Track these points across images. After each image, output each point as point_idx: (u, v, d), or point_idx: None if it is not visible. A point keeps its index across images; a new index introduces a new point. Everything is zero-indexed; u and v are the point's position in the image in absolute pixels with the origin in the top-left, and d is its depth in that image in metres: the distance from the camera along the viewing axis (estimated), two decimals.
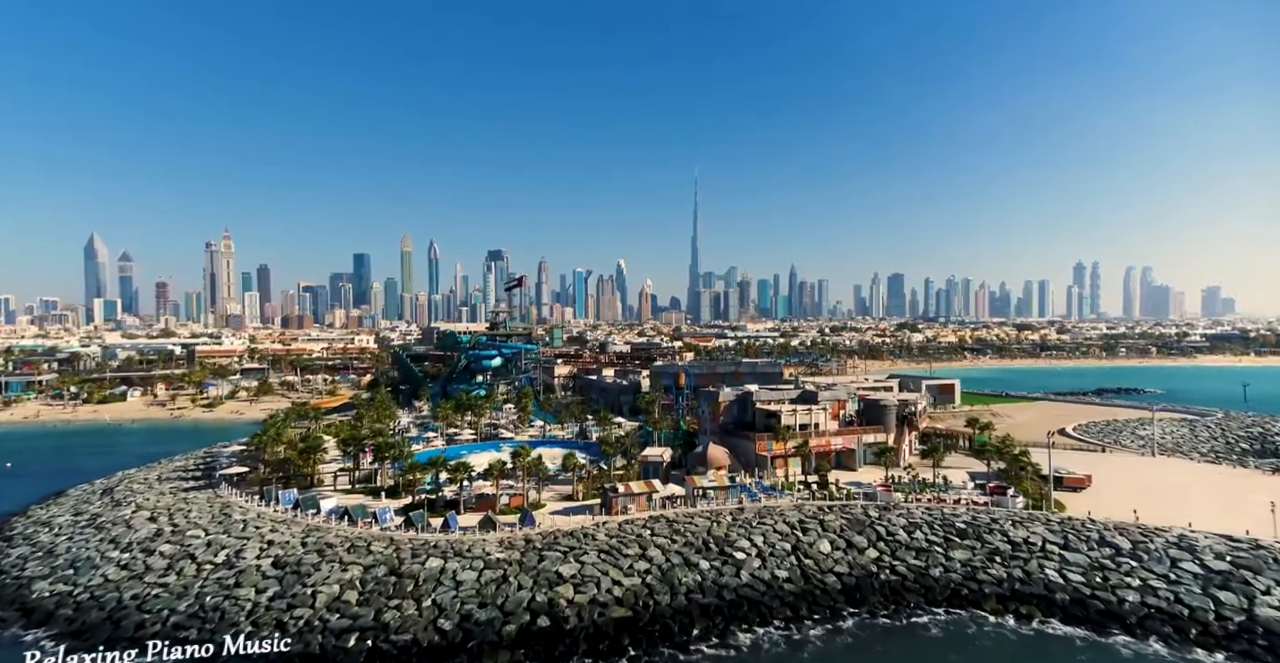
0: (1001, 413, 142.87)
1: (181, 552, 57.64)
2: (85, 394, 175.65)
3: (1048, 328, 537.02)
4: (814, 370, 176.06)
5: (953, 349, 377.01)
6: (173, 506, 70.97)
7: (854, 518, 67.00)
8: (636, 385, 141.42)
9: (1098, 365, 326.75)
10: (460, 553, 57.07)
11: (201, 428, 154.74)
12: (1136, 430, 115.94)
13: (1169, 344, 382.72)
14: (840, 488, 77.60)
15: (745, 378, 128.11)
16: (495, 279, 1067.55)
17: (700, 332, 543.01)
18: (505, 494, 72.89)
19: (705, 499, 72.58)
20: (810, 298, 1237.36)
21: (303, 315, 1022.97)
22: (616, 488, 70.56)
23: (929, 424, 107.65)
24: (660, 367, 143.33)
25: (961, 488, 77.43)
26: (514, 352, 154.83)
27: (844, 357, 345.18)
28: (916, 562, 58.73)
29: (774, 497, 75.16)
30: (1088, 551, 57.14)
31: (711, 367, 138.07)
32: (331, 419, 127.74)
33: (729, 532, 63.90)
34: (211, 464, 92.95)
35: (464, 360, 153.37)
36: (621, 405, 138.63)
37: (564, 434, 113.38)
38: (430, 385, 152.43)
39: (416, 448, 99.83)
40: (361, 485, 79.50)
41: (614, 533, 63.38)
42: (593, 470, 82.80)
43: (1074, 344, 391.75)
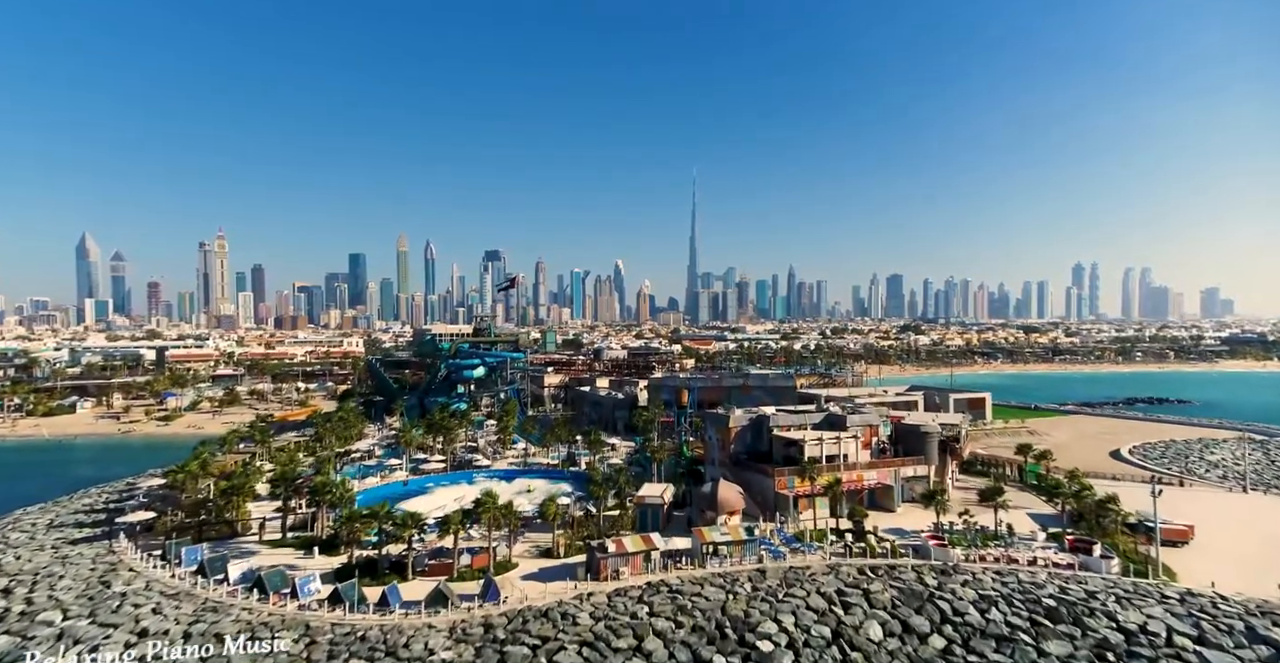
0: (1037, 430, 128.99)
1: (14, 652, 42.97)
2: (30, 405, 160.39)
3: (1054, 330, 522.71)
4: (826, 381, 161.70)
5: (962, 353, 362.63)
6: (44, 568, 56.25)
7: (907, 587, 52.59)
8: (633, 399, 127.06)
9: (1114, 371, 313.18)
10: (393, 652, 42.58)
11: (154, 445, 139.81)
12: (1205, 455, 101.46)
13: (1185, 348, 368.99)
14: (880, 538, 63.35)
15: (755, 393, 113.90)
16: (492, 280, 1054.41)
17: (699, 334, 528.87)
18: (466, 551, 58.49)
19: (717, 557, 58.25)
20: (809, 299, 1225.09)
21: (297, 316, 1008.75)
22: (606, 546, 56.12)
23: (970, 450, 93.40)
24: (660, 379, 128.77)
25: (1031, 540, 63.09)
26: (498, 361, 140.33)
27: (849, 361, 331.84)
28: (1000, 658, 44.35)
29: (801, 552, 60.81)
30: (1234, 648, 42.73)
31: (716, 380, 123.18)
32: (286, 439, 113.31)
33: (749, 607, 49.55)
34: (125, 503, 78.14)
35: (443, 370, 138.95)
36: (616, 421, 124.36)
37: (548, 461, 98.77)
38: (406, 397, 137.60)
39: (372, 481, 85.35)
40: (295, 535, 64.86)
41: (602, 612, 49.04)
42: (578, 514, 68.41)
43: (1087, 348, 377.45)
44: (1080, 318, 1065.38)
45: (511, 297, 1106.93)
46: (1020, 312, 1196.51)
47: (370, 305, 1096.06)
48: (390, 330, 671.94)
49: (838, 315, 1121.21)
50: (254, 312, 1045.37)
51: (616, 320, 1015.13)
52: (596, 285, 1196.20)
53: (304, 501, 67.30)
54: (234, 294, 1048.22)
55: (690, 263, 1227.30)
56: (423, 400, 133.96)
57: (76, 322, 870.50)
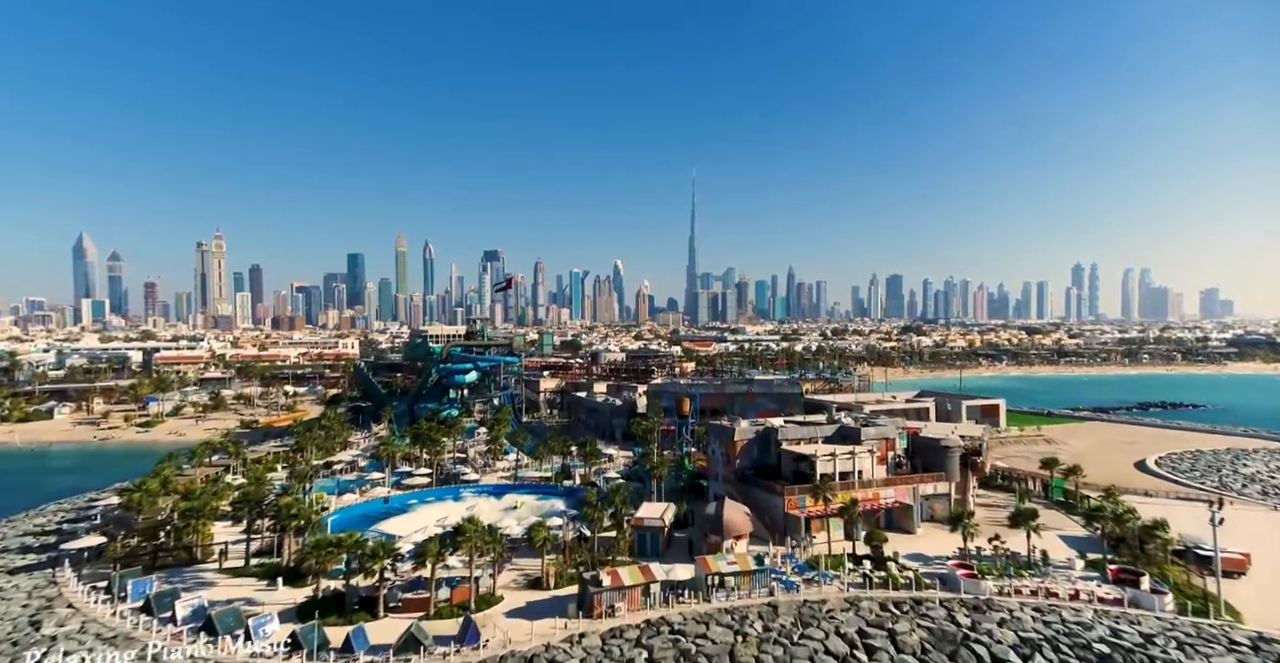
0: (1054, 438, 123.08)
1: None
2: (5, 411, 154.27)
3: (1056, 331, 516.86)
4: (832, 386, 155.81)
5: (966, 355, 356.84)
6: None
7: (937, 627, 46.90)
8: (631, 406, 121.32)
9: (1121, 373, 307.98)
10: None
11: (132, 452, 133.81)
12: (1238, 468, 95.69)
13: (1191, 350, 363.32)
14: (900, 566, 57.63)
15: (759, 400, 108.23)
16: (490, 280, 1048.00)
17: (699, 335, 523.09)
18: (446, 583, 52.76)
19: (723, 590, 52.53)
20: (808, 299, 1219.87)
21: (295, 317, 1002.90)
22: (600, 579, 50.35)
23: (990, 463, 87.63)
24: (659, 386, 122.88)
25: (1067, 568, 57.37)
26: (492, 365, 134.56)
27: (852, 363, 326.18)
28: None
29: (815, 582, 55.11)
30: None
31: (719, 387, 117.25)
32: (266, 449, 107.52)
33: (761, 653, 43.89)
34: (79, 525, 72.17)
35: (434, 375, 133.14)
36: (614, 429, 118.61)
37: (539, 475, 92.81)
38: (395, 404, 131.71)
39: (350, 498, 79.56)
40: (259, 563, 59.00)
41: (594, 657, 43.36)
42: (570, 537, 62.65)
43: (1092, 350, 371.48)
44: (1080, 318, 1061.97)
45: (510, 297, 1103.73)
46: (1020, 312, 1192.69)
47: (368, 306, 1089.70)
48: (388, 331, 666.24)
49: (837, 316, 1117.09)
50: (251, 312, 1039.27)
51: (615, 321, 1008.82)
52: (596, 286, 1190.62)
53: (269, 523, 61.41)
54: (231, 295, 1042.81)
55: (689, 263, 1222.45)
56: (412, 407, 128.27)
57: (73, 322, 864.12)
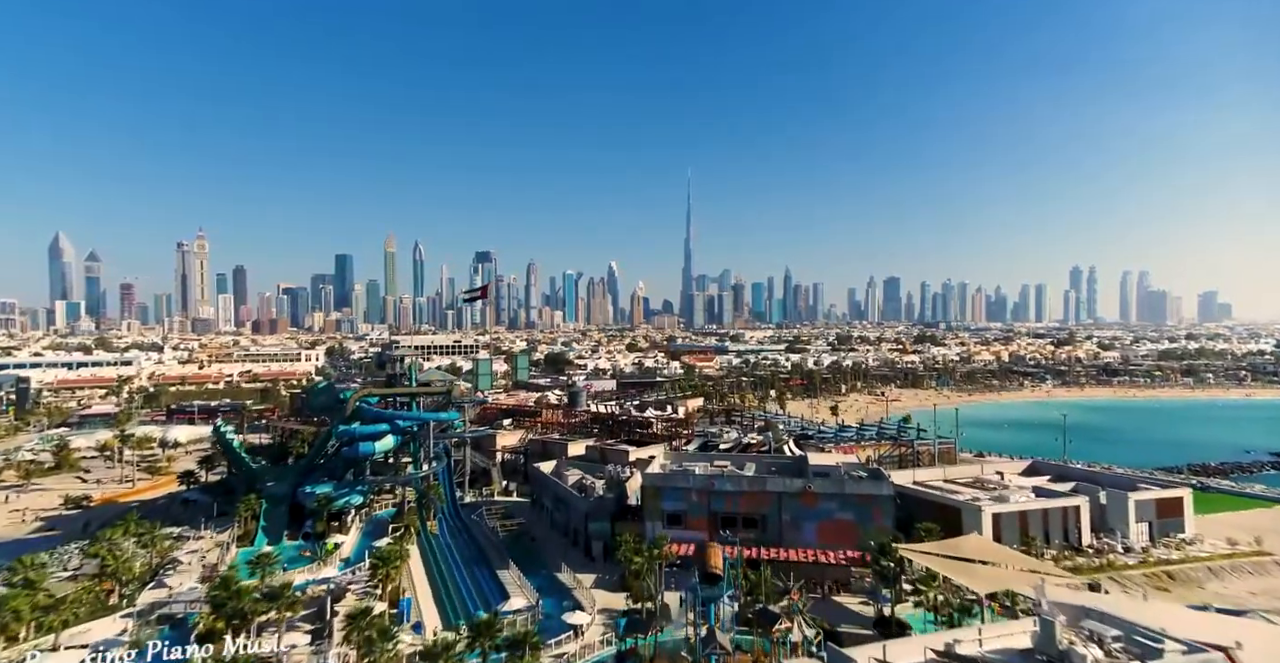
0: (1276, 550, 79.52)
1: None
2: None
3: (1086, 341, 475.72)
4: (904, 449, 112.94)
5: (1003, 373, 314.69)
6: None
7: None
8: (619, 500, 79.82)
9: (1190, 397, 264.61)
10: None
11: None
12: None
13: (1260, 368, 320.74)
14: None
15: (824, 505, 66.93)
16: (482, 281, 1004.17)
17: (696, 343, 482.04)
18: None
19: None
20: (805, 301, 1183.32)
21: (279, 319, 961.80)
22: None
23: None
24: (661, 476, 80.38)
25: None
26: (417, 425, 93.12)
27: (875, 383, 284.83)
28: None
29: None
30: None
31: (758, 482, 73.03)
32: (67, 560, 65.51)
33: None
34: None
35: (333, 442, 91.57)
36: (589, 536, 76.57)
37: None
38: (269, 484, 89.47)
39: None
40: None
41: None
42: None
43: (1142, 368, 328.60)
44: (1079, 322, 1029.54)
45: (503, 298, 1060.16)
46: (1018, 315, 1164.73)
47: (356, 308, 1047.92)
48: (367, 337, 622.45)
49: (834, 319, 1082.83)
50: (234, 314, 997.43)
51: (610, 324, 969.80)
52: (589, 287, 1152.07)
53: None
54: (214, 296, 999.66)
55: (685, 265, 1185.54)
56: (295, 489, 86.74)
57: (47, 325, 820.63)
